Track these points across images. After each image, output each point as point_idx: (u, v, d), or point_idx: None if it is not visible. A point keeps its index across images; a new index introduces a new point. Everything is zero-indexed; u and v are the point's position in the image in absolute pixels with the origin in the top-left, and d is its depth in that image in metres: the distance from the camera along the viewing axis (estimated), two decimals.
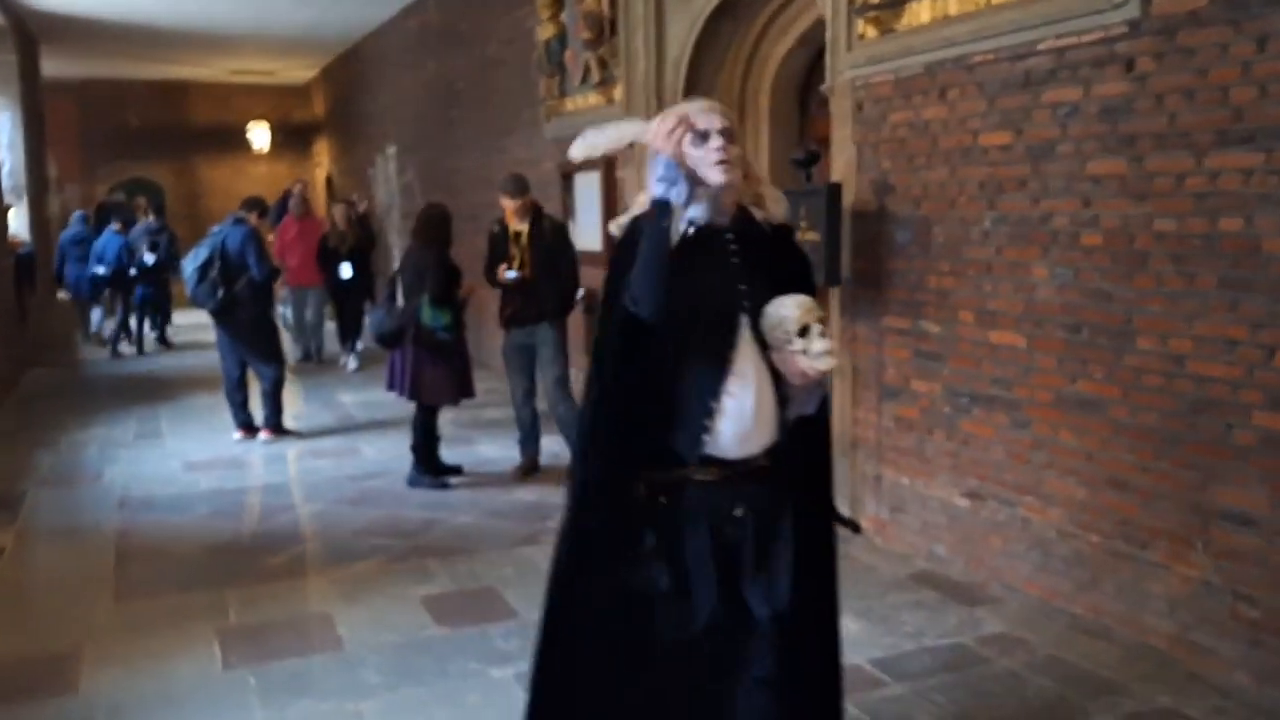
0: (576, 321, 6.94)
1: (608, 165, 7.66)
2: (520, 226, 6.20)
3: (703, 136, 2.26)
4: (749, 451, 2.28)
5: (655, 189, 2.17)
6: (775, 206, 2.40)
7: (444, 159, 11.52)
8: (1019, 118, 4.08)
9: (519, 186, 6.22)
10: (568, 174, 8.25)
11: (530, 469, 6.48)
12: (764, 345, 2.27)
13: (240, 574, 4.80)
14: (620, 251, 2.28)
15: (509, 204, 6.21)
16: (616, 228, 2.36)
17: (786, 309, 2.23)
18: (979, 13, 4.20)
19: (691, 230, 2.25)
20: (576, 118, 8.07)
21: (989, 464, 4.36)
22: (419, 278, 6.02)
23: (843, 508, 5.21)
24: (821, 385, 2.33)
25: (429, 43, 11.87)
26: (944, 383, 4.56)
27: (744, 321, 2.28)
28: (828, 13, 5.17)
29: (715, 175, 2.25)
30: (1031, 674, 3.61)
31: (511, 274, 6.22)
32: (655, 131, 2.21)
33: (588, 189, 7.97)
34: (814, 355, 2.21)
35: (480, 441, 7.37)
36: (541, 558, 4.90)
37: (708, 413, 2.23)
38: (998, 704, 3.41)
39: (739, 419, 2.25)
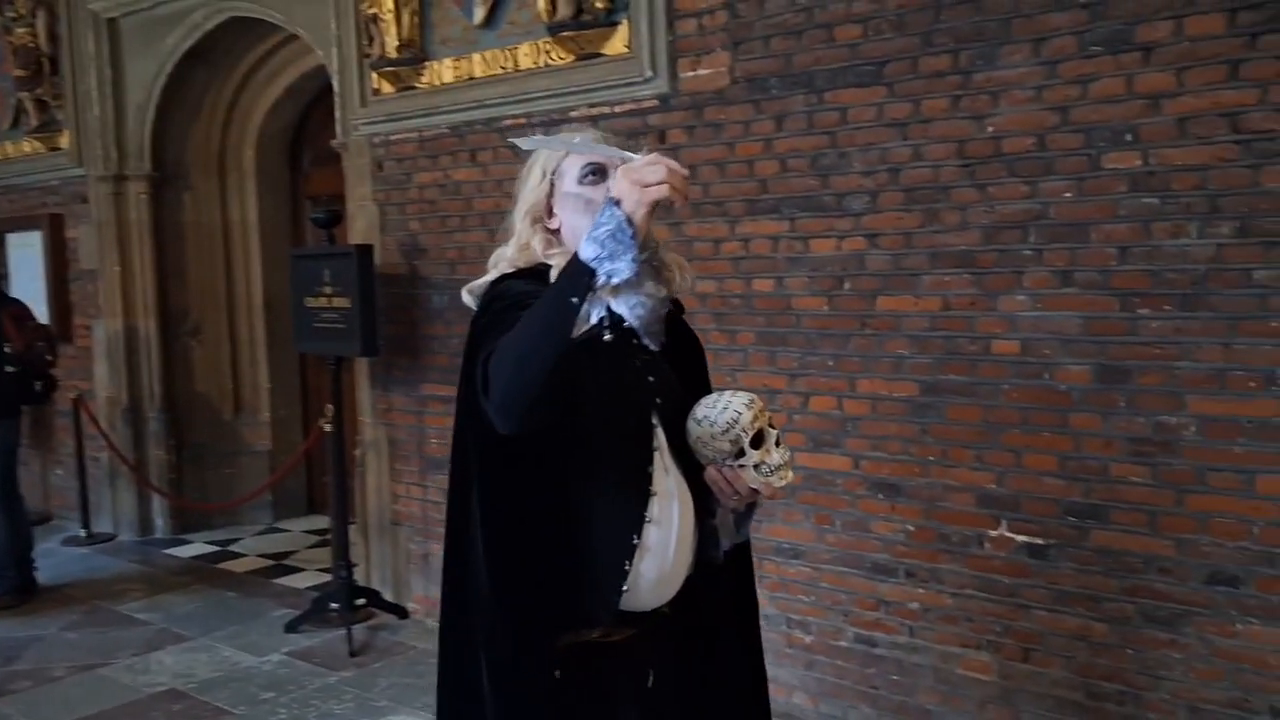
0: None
1: (54, 223, 6.50)
2: None
3: (597, 173, 1.73)
4: (664, 597, 1.74)
5: (587, 246, 1.48)
6: (680, 276, 1.79)
7: None
8: None
9: None
10: None
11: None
12: (679, 455, 1.75)
13: None
14: (481, 334, 1.64)
15: None
16: (471, 296, 1.76)
17: (733, 410, 1.67)
18: (507, 77, 4.20)
19: (606, 335, 1.64)
20: (7, 167, 6.76)
21: None
22: None
23: (386, 592, 4.86)
24: (755, 504, 1.82)
25: None
26: None
27: (657, 424, 1.74)
28: (332, 65, 4.87)
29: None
30: None
31: None
32: (625, 165, 1.53)
33: (25, 250, 6.69)
34: (773, 469, 1.69)
35: None
36: (16, 712, 3.91)
37: (628, 551, 1.66)
38: None
39: (662, 555, 1.70)
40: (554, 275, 1.62)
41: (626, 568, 1.66)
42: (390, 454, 4.83)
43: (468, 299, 1.77)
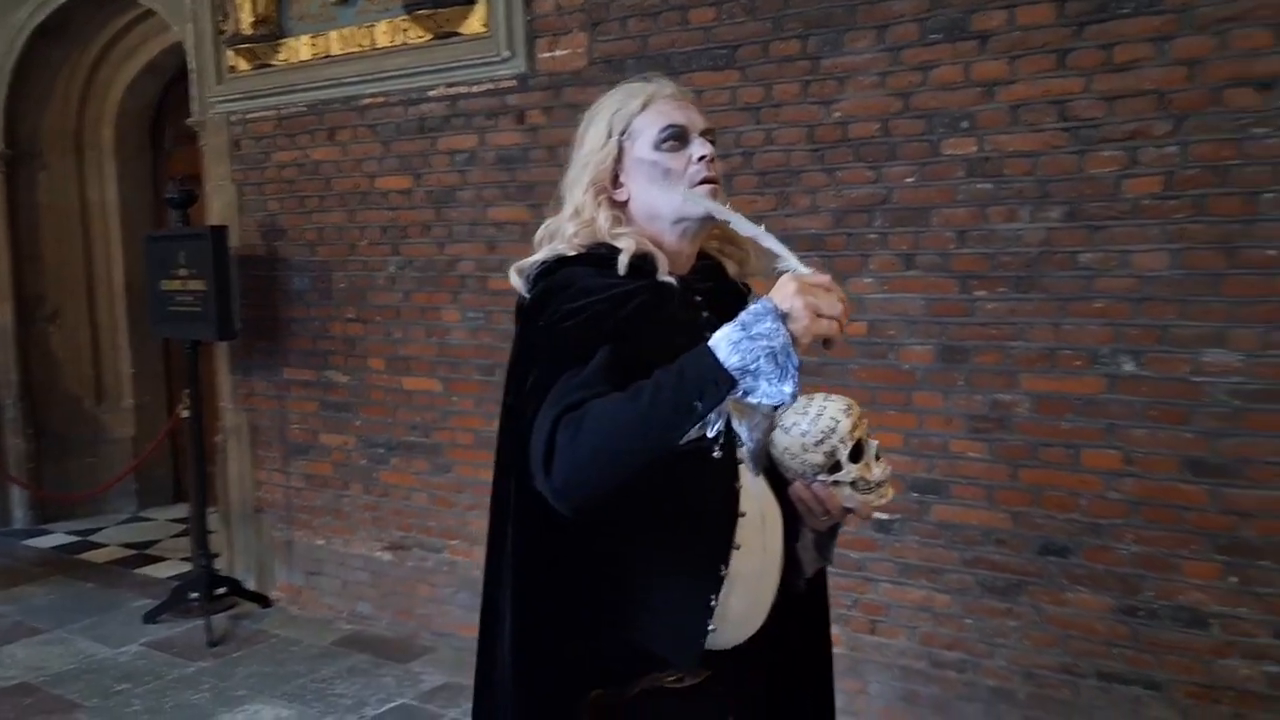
0: None
1: None
2: None
3: (678, 138, 1.49)
4: (750, 632, 1.50)
5: (730, 351, 1.24)
6: (756, 261, 1.58)
7: None
8: (417, 163, 4.07)
9: None
10: None
11: None
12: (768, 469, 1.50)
13: None
14: (537, 343, 1.40)
15: None
16: (521, 277, 1.48)
17: (829, 417, 1.41)
18: (365, 55, 4.12)
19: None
20: None
21: (412, 512, 4.27)
22: None
23: (248, 580, 4.76)
24: (839, 525, 1.56)
25: None
26: (357, 434, 4.38)
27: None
28: (188, 41, 4.72)
29: (699, 203, 1.46)
30: None
31: None
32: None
33: None
34: (871, 486, 1.45)
35: None
36: None
37: (714, 584, 1.42)
38: None
39: (752, 585, 1.47)
40: (623, 261, 1.43)
41: (713, 603, 1.42)
42: (252, 440, 4.73)
43: (516, 281, 1.48)
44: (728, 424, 1.35)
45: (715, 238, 1.58)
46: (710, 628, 1.42)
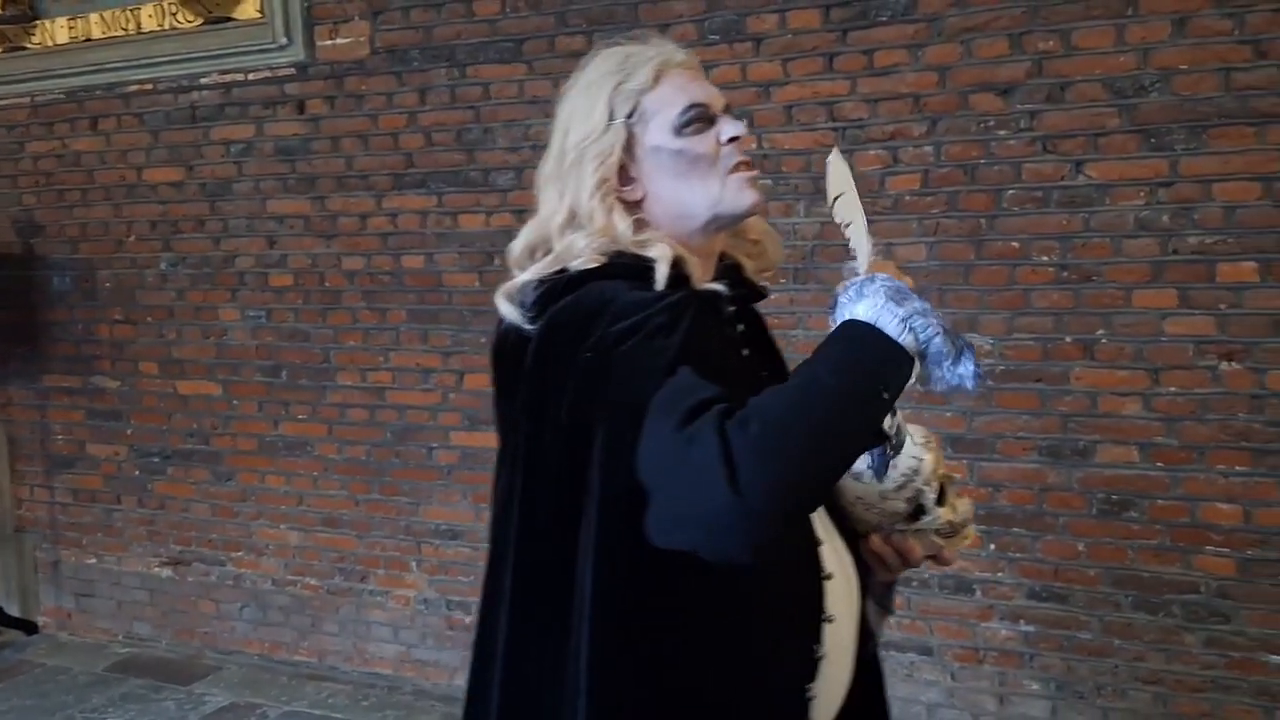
0: None
1: None
2: None
3: (703, 119, 1.21)
4: (832, 716, 1.23)
5: (896, 325, 1.05)
6: (774, 251, 1.35)
7: None
8: (189, 154, 3.88)
9: None
10: None
11: None
12: (836, 516, 1.26)
13: None
14: (584, 365, 1.08)
15: None
16: (514, 302, 1.17)
17: (909, 457, 1.20)
18: (129, 39, 3.89)
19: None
20: None
21: (192, 524, 4.05)
22: None
23: (10, 606, 4.39)
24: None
25: None
26: (129, 443, 4.13)
27: None
28: None
29: (743, 196, 1.21)
30: None
31: None
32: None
33: None
34: (956, 528, 1.25)
35: None
36: None
37: (809, 671, 1.16)
38: None
39: (842, 662, 1.21)
40: (662, 272, 1.14)
41: (810, 693, 1.16)
42: (10, 454, 4.38)
43: (508, 309, 1.17)
44: None
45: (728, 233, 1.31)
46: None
